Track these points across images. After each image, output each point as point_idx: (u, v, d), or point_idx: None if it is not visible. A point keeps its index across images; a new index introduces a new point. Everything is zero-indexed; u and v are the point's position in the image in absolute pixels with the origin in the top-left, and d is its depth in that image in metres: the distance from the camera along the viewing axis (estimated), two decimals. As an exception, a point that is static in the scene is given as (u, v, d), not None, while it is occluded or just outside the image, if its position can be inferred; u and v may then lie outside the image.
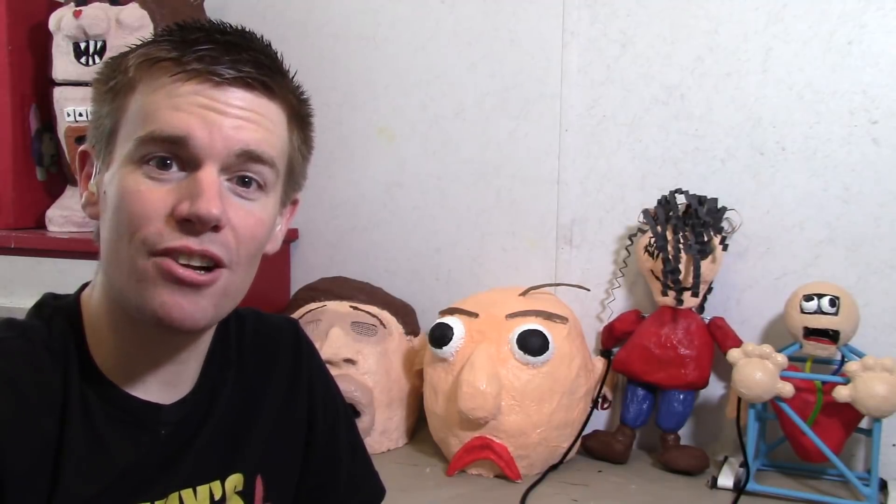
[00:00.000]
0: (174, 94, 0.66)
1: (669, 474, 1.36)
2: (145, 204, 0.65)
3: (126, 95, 0.68)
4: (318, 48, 1.71)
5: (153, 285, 0.65)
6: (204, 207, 0.64)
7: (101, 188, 0.69)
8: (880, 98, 1.35)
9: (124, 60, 0.69)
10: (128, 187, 0.65)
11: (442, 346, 1.36)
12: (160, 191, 0.65)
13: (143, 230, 0.65)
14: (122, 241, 0.66)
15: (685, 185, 1.44)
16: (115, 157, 0.68)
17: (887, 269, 1.36)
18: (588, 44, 1.52)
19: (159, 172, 0.65)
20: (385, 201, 1.69)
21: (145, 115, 0.66)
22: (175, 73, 0.66)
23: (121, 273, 0.67)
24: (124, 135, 0.67)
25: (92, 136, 0.71)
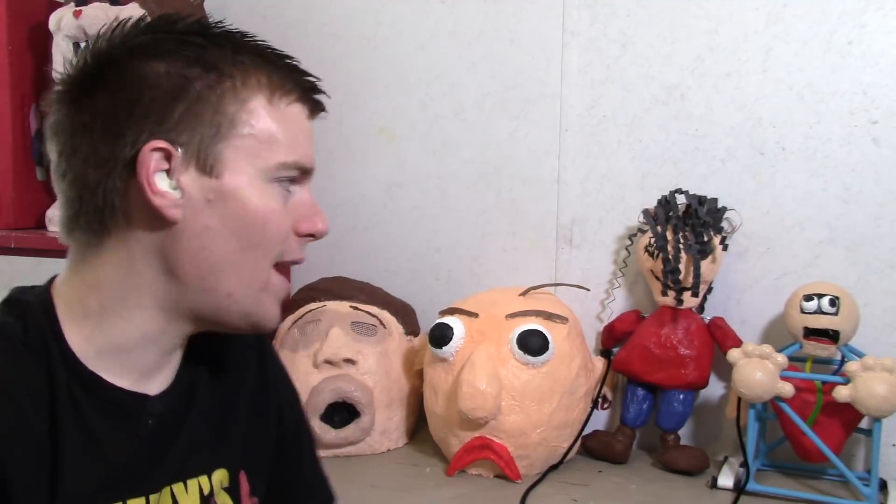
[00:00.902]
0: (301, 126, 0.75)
1: (669, 474, 1.36)
2: (282, 222, 0.72)
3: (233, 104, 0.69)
4: (318, 48, 1.71)
5: (275, 298, 0.74)
6: (322, 225, 0.76)
7: (204, 194, 0.68)
8: (880, 98, 1.35)
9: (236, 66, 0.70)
10: (268, 205, 0.71)
11: (442, 346, 1.36)
12: (287, 210, 0.73)
13: (279, 245, 0.72)
14: (249, 252, 0.71)
15: (685, 185, 1.44)
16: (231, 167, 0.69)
17: (887, 269, 1.36)
18: (588, 44, 1.52)
19: (287, 193, 0.73)
20: (385, 201, 1.69)
21: (284, 142, 0.71)
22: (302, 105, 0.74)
23: (240, 280, 0.71)
24: (248, 149, 0.70)
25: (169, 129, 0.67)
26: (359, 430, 1.41)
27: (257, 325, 0.74)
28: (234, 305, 0.72)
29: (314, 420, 1.39)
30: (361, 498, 1.26)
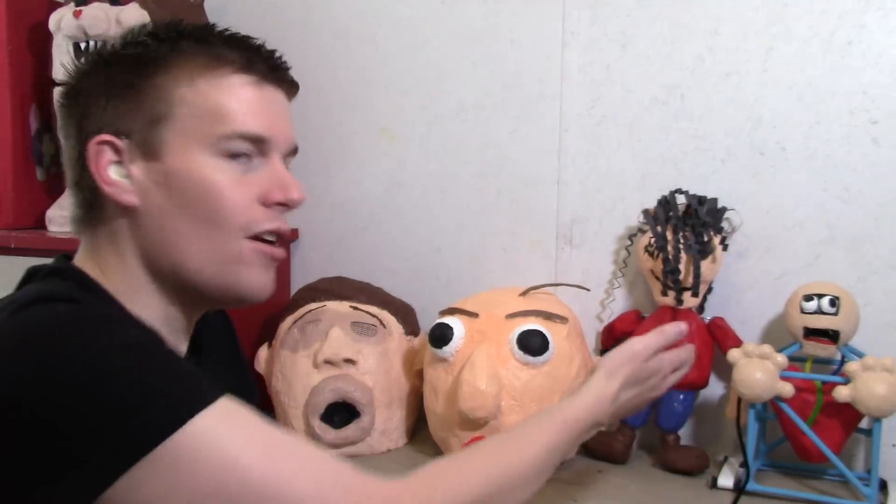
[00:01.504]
0: (251, 97, 0.76)
1: (669, 474, 1.36)
2: (239, 194, 0.75)
3: (178, 87, 0.74)
4: (318, 48, 1.71)
5: (253, 268, 0.77)
6: (297, 194, 0.78)
7: (151, 177, 0.74)
8: (880, 98, 1.35)
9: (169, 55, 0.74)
10: (217, 179, 0.74)
11: (442, 346, 1.36)
12: (246, 180, 0.75)
13: (240, 216, 0.75)
14: (209, 227, 0.74)
15: (685, 185, 1.44)
16: (172, 147, 0.73)
17: (887, 269, 1.36)
18: (588, 44, 1.52)
19: (242, 165, 0.76)
20: (385, 201, 1.69)
21: (226, 114, 0.74)
22: (248, 77, 0.76)
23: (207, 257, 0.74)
24: (188, 128, 0.73)
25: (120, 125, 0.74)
26: (359, 430, 1.41)
27: (243, 297, 0.78)
28: (209, 281, 0.75)
29: (314, 420, 1.39)
30: None
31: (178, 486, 0.60)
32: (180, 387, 0.63)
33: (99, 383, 0.60)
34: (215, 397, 0.64)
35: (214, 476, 0.61)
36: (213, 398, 0.64)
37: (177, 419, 0.61)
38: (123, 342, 0.64)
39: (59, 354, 0.61)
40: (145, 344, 0.66)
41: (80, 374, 0.60)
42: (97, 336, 0.63)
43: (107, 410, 0.60)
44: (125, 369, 0.62)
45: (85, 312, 0.66)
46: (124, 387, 0.61)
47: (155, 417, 0.60)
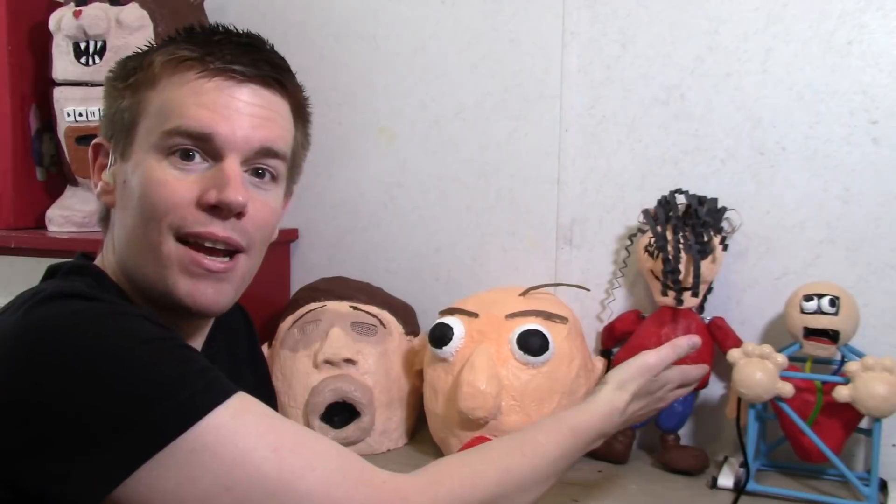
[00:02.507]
0: (199, 91, 0.72)
1: (669, 474, 1.36)
2: (173, 191, 0.71)
3: (147, 90, 0.74)
4: (318, 48, 1.71)
5: (179, 273, 0.72)
6: (232, 195, 0.71)
7: (121, 177, 0.75)
8: (880, 98, 1.35)
9: (147, 58, 0.75)
10: (155, 176, 0.71)
11: (442, 346, 1.36)
12: (186, 180, 0.72)
13: (171, 216, 0.71)
14: (148, 227, 0.72)
15: (685, 185, 1.44)
16: (136, 149, 0.73)
17: (887, 269, 1.36)
18: (588, 44, 1.52)
19: (185, 163, 0.72)
20: (385, 201, 1.69)
21: (171, 110, 0.72)
22: (200, 71, 0.72)
23: (145, 258, 0.72)
24: (147, 127, 0.73)
25: (107, 128, 0.77)
26: (359, 430, 1.41)
27: (178, 304, 0.74)
28: (151, 284, 0.74)
29: (314, 420, 1.39)
30: None
31: (192, 481, 0.61)
32: (198, 382, 0.63)
33: (117, 377, 0.61)
34: (231, 393, 0.65)
35: (228, 471, 0.62)
36: (229, 394, 0.64)
37: (194, 414, 0.62)
38: (142, 337, 0.64)
39: (77, 348, 0.61)
40: (163, 339, 0.66)
41: (99, 367, 0.61)
42: (116, 331, 0.63)
43: (125, 404, 0.60)
44: (143, 363, 0.62)
45: (103, 309, 0.66)
46: (143, 381, 0.61)
47: (173, 411, 0.61)
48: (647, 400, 0.99)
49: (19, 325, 0.64)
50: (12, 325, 0.65)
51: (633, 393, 0.95)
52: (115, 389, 0.60)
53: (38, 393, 0.60)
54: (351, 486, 0.67)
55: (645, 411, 1.00)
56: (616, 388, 0.95)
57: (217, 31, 0.77)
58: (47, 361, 0.61)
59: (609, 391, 0.94)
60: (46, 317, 0.64)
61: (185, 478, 0.61)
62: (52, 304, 0.65)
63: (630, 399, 0.95)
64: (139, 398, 0.61)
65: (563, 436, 0.87)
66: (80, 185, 1.64)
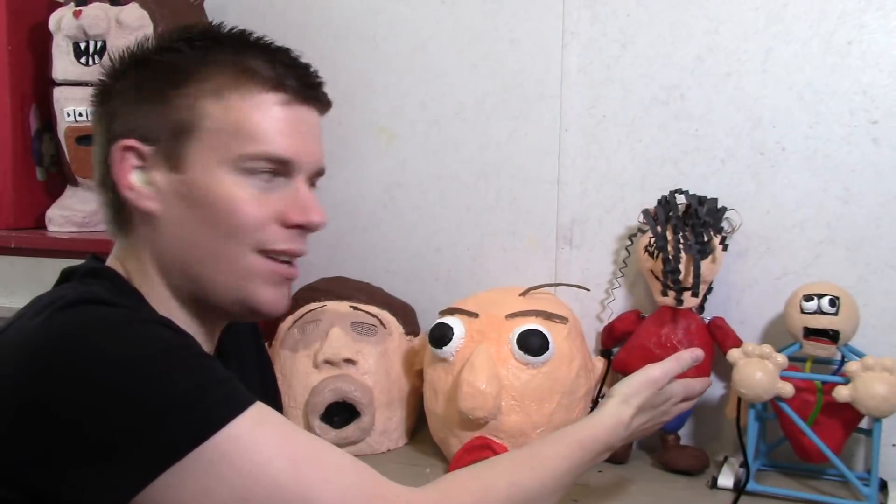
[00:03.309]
0: (279, 116, 0.75)
1: (669, 474, 1.36)
2: (258, 211, 0.74)
3: (209, 102, 0.73)
4: (318, 48, 1.70)
5: (262, 283, 0.76)
6: (318, 217, 0.79)
7: (172, 186, 0.73)
8: (880, 98, 1.35)
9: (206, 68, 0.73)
10: (236, 194, 0.73)
11: (442, 346, 1.36)
12: (268, 199, 0.75)
13: (257, 234, 0.74)
14: (228, 242, 0.74)
15: (685, 185, 1.44)
16: (197, 160, 0.73)
17: (887, 269, 1.36)
18: (588, 44, 1.52)
19: (262, 183, 0.75)
20: (385, 201, 1.69)
21: (253, 134, 0.73)
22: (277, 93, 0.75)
23: (219, 268, 0.74)
24: (214, 142, 0.73)
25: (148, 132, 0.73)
26: (359, 430, 1.41)
27: (255, 311, 0.77)
28: (222, 293, 0.75)
29: (314, 420, 1.39)
30: None
31: (209, 492, 0.61)
32: (217, 392, 0.64)
33: (137, 387, 0.61)
34: (249, 403, 0.65)
35: (245, 483, 0.62)
36: (247, 404, 0.65)
37: (213, 424, 0.62)
38: (162, 346, 0.64)
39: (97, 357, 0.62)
40: (183, 347, 0.66)
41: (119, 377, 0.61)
42: (136, 340, 0.64)
43: (145, 414, 0.60)
44: (163, 374, 0.62)
45: (123, 316, 0.67)
46: (162, 391, 0.61)
47: (192, 422, 0.61)
48: (651, 413, 0.99)
49: (40, 331, 0.64)
50: (33, 331, 0.64)
51: (638, 406, 0.95)
52: (134, 399, 0.61)
53: (58, 400, 0.60)
54: (366, 499, 0.68)
55: (650, 425, 1.00)
56: (621, 401, 0.95)
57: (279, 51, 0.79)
58: (68, 369, 0.61)
59: (614, 405, 0.95)
60: (68, 323, 0.64)
61: (203, 489, 0.61)
62: (74, 310, 0.65)
63: (635, 412, 0.95)
64: (158, 408, 0.61)
65: (571, 449, 0.89)
66: (80, 185, 1.64)
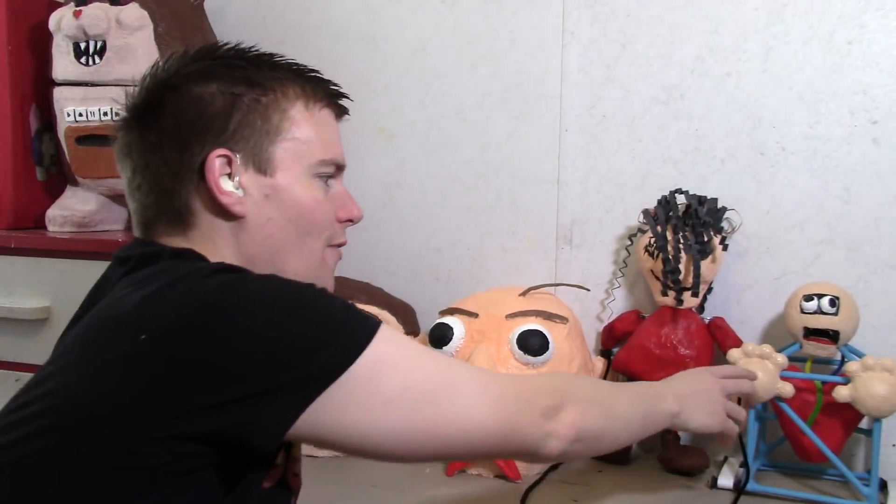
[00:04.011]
0: (334, 128, 0.87)
1: (669, 474, 1.36)
2: (327, 210, 0.85)
3: (285, 114, 0.82)
4: (318, 48, 1.71)
5: (329, 270, 0.88)
6: (360, 213, 0.89)
7: (261, 190, 0.81)
8: (880, 98, 1.35)
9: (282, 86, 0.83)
10: (315, 196, 0.83)
11: (442, 346, 1.36)
12: (328, 199, 0.85)
13: (329, 229, 0.85)
14: (309, 237, 0.84)
15: (685, 185, 1.44)
16: (282, 166, 0.81)
17: (887, 269, 1.36)
18: (588, 44, 1.52)
19: (327, 186, 0.85)
20: (385, 201, 1.69)
21: (323, 143, 0.84)
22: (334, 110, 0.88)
23: (301, 260, 0.84)
24: (295, 150, 0.82)
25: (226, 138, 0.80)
26: (359, 430, 1.41)
27: None
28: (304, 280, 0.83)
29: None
30: (362, 498, 1.26)
31: (376, 391, 0.70)
32: (357, 311, 0.74)
33: (306, 311, 0.70)
34: (380, 320, 0.74)
35: (406, 375, 0.73)
36: (380, 320, 0.74)
37: (369, 332, 0.72)
38: (305, 285, 0.73)
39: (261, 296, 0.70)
40: (319, 288, 0.75)
41: (288, 305, 0.70)
42: (284, 282, 0.73)
43: (318, 331, 0.70)
44: (318, 300, 0.72)
45: (261, 274, 0.76)
46: (324, 312, 0.71)
47: (353, 333, 0.71)
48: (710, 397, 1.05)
49: (199, 290, 0.70)
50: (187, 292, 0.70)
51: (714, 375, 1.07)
52: (300, 321, 0.69)
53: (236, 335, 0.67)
54: (490, 373, 0.82)
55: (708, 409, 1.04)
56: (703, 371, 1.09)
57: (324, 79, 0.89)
58: (237, 311, 0.68)
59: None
60: (226, 282, 0.71)
61: (370, 390, 0.70)
62: (221, 275, 0.73)
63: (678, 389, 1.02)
64: (322, 325, 0.70)
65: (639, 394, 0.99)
66: (80, 185, 1.64)
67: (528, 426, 0.78)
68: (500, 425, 0.76)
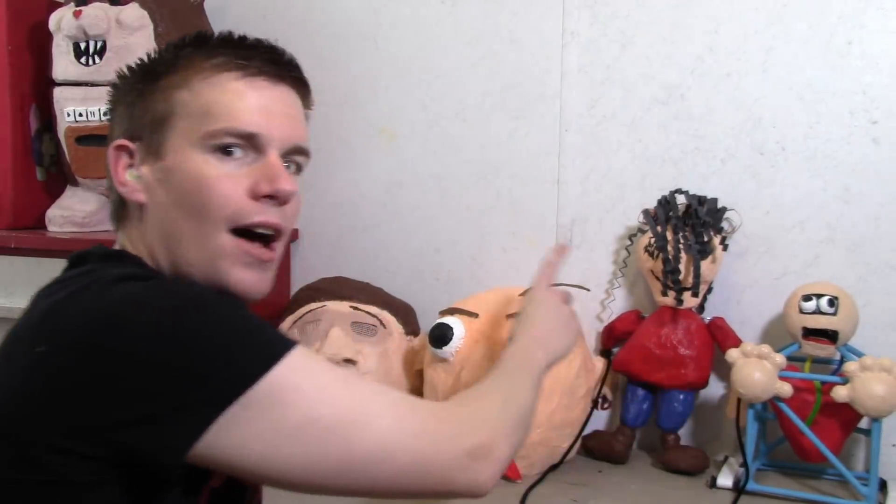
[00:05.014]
0: (242, 94, 0.78)
1: (669, 474, 1.36)
2: (225, 186, 0.76)
3: (181, 92, 0.78)
4: (319, 48, 1.71)
5: (231, 263, 0.77)
6: (286, 184, 0.77)
7: (155, 175, 0.78)
8: (880, 98, 1.35)
9: (178, 61, 0.79)
10: (204, 172, 0.76)
11: (442, 346, 1.36)
12: (236, 174, 0.77)
13: (227, 209, 0.76)
14: (200, 221, 0.76)
15: (685, 185, 1.44)
16: (173, 147, 0.77)
17: (887, 269, 1.36)
18: (588, 44, 1.52)
19: (229, 158, 0.77)
20: (385, 201, 1.69)
21: (217, 112, 0.77)
22: (240, 74, 0.78)
23: (194, 250, 0.77)
24: (185, 127, 0.77)
25: (131, 129, 0.80)
26: (359, 430, 1.41)
27: (227, 290, 0.78)
28: (198, 275, 0.78)
29: (314, 420, 1.39)
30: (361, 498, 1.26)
31: (279, 420, 0.66)
32: (267, 331, 0.70)
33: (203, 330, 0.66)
34: (294, 341, 0.70)
35: (312, 406, 0.68)
36: (294, 342, 0.70)
37: (274, 355, 0.67)
38: (212, 299, 0.70)
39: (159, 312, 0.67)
40: (229, 301, 0.73)
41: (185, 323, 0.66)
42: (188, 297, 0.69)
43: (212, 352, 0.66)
44: (223, 317, 0.68)
45: (171, 283, 0.75)
46: (225, 330, 0.67)
47: (256, 354, 0.67)
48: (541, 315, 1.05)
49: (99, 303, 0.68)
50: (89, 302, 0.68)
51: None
52: (197, 341, 0.65)
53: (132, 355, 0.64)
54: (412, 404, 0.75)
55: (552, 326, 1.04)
56: None
57: (244, 38, 0.81)
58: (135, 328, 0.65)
59: None
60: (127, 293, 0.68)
61: (273, 417, 0.66)
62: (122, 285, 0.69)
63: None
64: (220, 347, 0.66)
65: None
66: (80, 186, 1.64)
67: (450, 465, 0.73)
68: (415, 462, 0.71)
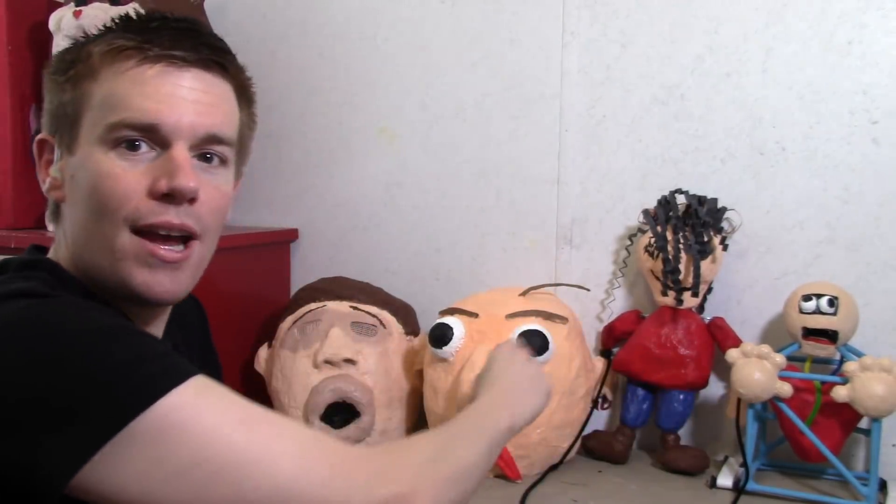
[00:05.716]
0: (141, 80, 0.71)
1: (669, 474, 1.36)
2: (123, 184, 0.70)
3: (88, 83, 0.73)
4: (319, 48, 1.71)
5: (134, 264, 0.72)
6: (183, 181, 0.70)
7: (68, 172, 0.74)
8: (880, 98, 1.35)
9: (85, 49, 0.74)
10: (103, 169, 0.71)
11: (442, 346, 1.36)
12: (135, 171, 0.71)
13: (124, 208, 0.70)
14: (101, 221, 0.71)
15: (685, 185, 1.44)
16: (82, 142, 0.72)
17: (887, 269, 1.36)
18: (588, 44, 1.52)
19: (131, 154, 0.71)
20: (385, 201, 1.69)
21: (115, 102, 0.71)
22: (140, 59, 0.72)
23: (99, 251, 0.72)
24: (91, 120, 0.72)
25: (50, 124, 0.76)
26: (359, 430, 1.41)
27: (132, 295, 0.73)
28: (104, 277, 0.73)
29: (314, 420, 1.39)
30: None
31: (160, 460, 0.61)
32: (155, 364, 0.63)
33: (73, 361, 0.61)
34: (192, 374, 0.64)
35: (197, 447, 0.62)
36: (190, 374, 0.64)
37: (153, 393, 0.61)
38: (95, 325, 0.64)
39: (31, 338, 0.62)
40: (119, 326, 0.66)
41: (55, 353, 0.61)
42: (70, 321, 0.64)
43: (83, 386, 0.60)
44: (98, 348, 0.62)
45: (56, 303, 0.67)
46: (98, 363, 0.61)
47: (131, 391, 0.61)
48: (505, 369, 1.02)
49: None
50: None
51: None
52: (71, 373, 0.60)
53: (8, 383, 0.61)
54: (320, 450, 0.67)
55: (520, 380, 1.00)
56: None
57: (154, 18, 0.76)
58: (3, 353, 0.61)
59: None
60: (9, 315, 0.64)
61: (154, 457, 0.61)
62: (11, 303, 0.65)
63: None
64: (96, 380, 0.61)
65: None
66: (80, 185, 1.64)
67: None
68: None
